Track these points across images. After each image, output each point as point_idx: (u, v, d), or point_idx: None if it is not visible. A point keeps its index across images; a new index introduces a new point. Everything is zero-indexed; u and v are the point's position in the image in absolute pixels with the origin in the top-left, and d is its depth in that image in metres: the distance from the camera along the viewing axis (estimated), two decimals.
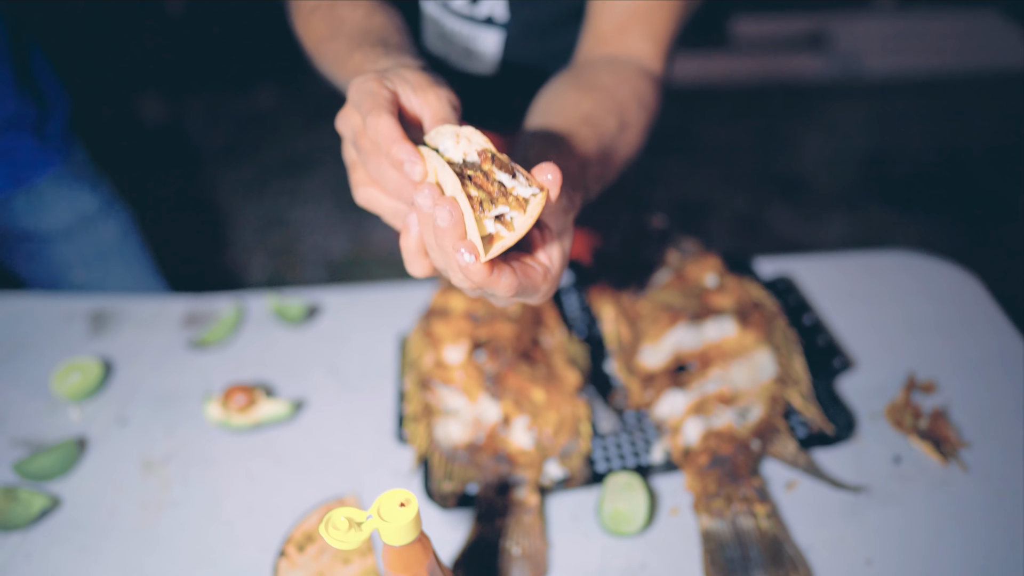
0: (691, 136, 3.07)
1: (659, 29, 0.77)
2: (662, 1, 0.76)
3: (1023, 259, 1.20)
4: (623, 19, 0.77)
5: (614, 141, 0.67)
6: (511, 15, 0.89)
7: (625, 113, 0.70)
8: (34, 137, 1.09)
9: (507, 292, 0.49)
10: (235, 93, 3.53)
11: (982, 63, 3.35)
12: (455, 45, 0.95)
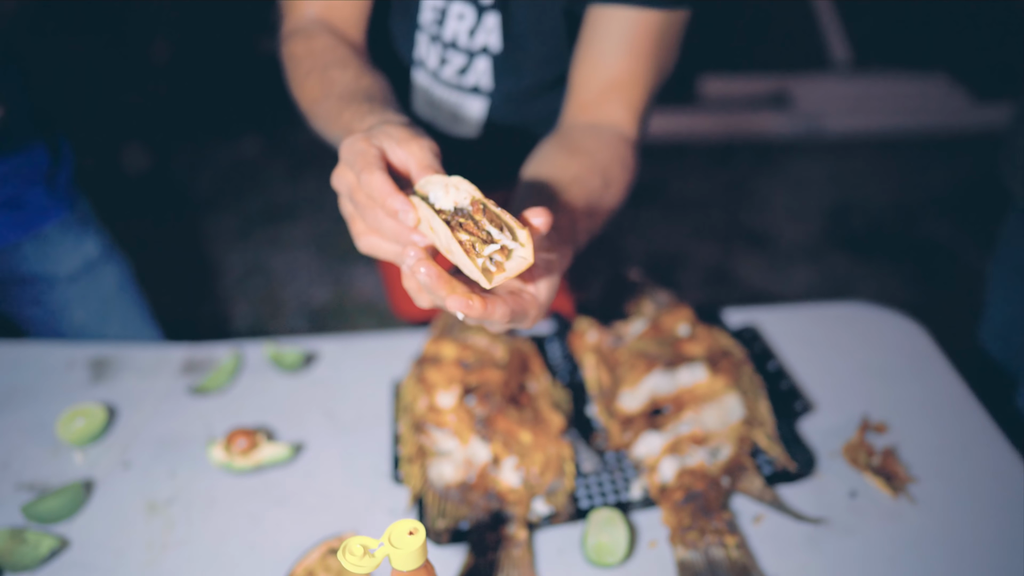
0: (663, 190, 3.20)
1: (634, 100, 0.87)
2: (636, 76, 0.86)
3: (969, 306, 1.30)
4: (602, 91, 0.86)
5: (599, 198, 0.75)
6: (496, 85, 0.97)
7: (608, 173, 0.78)
8: (45, 187, 1.15)
9: (502, 320, 0.56)
10: (219, 142, 3.60)
11: (933, 123, 3.56)
12: (443, 111, 1.04)
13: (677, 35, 0.86)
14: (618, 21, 0.83)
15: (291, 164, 3.42)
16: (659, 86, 0.90)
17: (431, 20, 0.93)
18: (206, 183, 3.33)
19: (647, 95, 0.87)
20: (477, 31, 0.92)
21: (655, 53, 0.85)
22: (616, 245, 2.84)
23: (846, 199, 3.13)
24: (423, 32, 0.96)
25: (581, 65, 0.88)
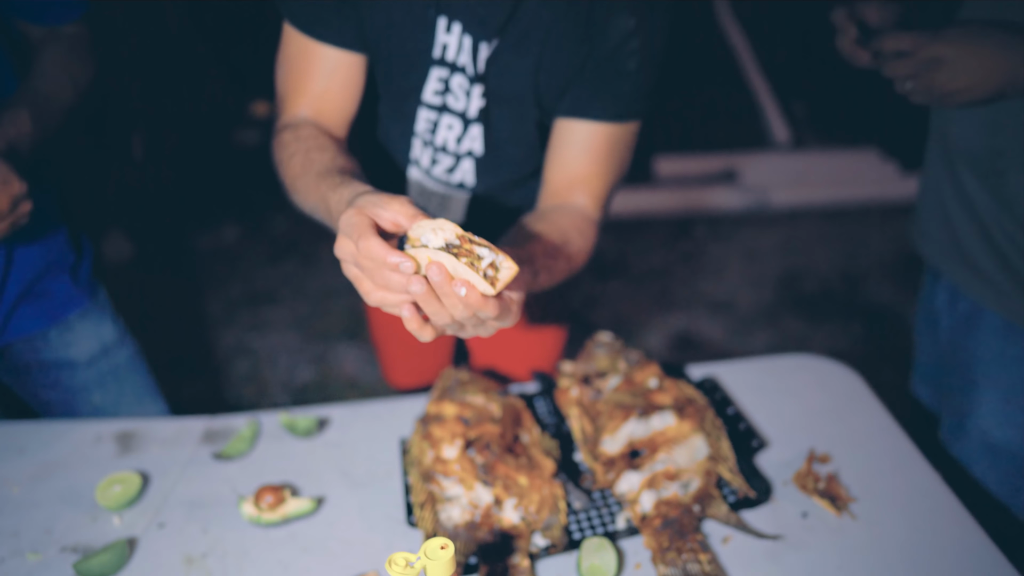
0: (627, 263, 3.41)
1: (595, 191, 1.05)
2: (596, 174, 1.04)
3: (904, 357, 1.48)
4: (568, 185, 1.04)
5: (556, 248, 0.92)
6: (478, 181, 1.15)
7: (566, 235, 0.96)
8: (70, 279, 1.27)
9: (494, 312, 0.69)
10: (199, 231, 3.73)
11: (868, 194, 3.87)
12: (432, 201, 1.20)
13: (629, 142, 1.05)
14: (580, 131, 1.02)
15: (271, 250, 3.55)
16: (617, 180, 1.08)
17: (425, 129, 1.11)
18: (188, 270, 3.44)
19: (606, 187, 1.06)
20: (463, 139, 1.09)
21: (611, 156, 1.04)
22: (585, 316, 3.01)
23: (796, 266, 3.37)
24: (417, 137, 1.13)
25: (551, 165, 1.06)
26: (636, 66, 0.98)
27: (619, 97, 1.00)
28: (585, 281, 3.22)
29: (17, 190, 0.96)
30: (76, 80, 1.15)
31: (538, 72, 1.01)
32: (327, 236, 0.83)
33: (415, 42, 1.01)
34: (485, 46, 1.00)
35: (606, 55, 0.98)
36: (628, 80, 0.99)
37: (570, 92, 1.01)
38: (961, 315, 1.22)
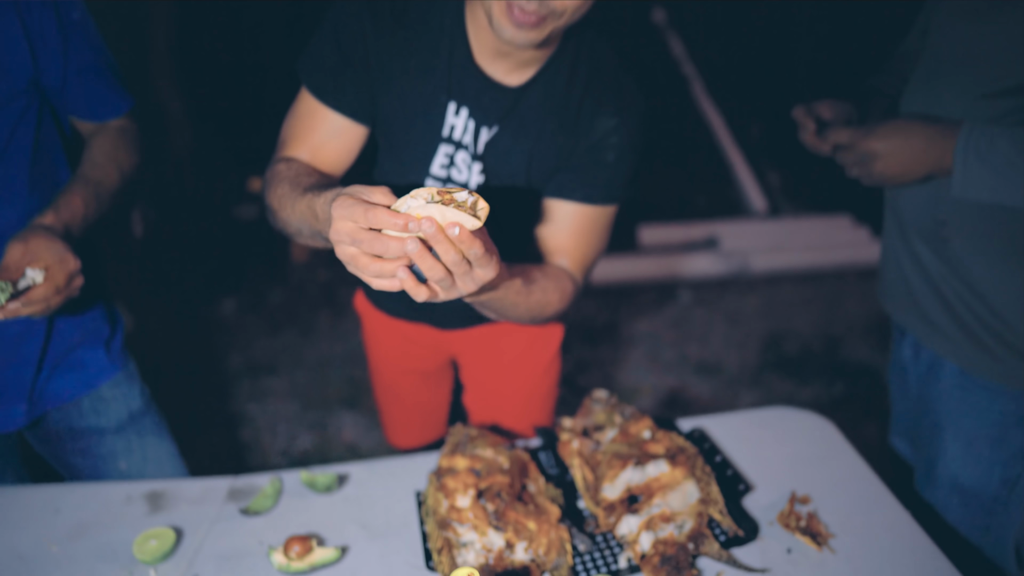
0: (617, 328, 3.53)
1: (576, 259, 1.19)
2: (578, 246, 1.19)
3: (885, 412, 1.59)
4: (553, 251, 1.19)
5: (532, 275, 1.05)
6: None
7: (545, 277, 1.08)
8: (104, 350, 1.36)
9: (481, 248, 0.77)
10: (198, 304, 3.83)
11: (843, 258, 4.06)
12: None
13: (607, 221, 1.20)
14: (564, 210, 1.17)
15: (269, 321, 3.64)
16: (597, 252, 1.22)
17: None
18: (187, 341, 3.51)
19: (586, 258, 1.20)
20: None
21: (591, 232, 1.19)
22: (577, 381, 3.11)
23: (778, 328, 3.51)
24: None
25: (539, 236, 1.21)
26: (614, 158, 1.14)
27: (599, 184, 1.15)
28: (576, 346, 3.33)
29: (72, 267, 1.07)
30: (122, 168, 1.27)
31: (531, 157, 1.16)
32: (324, 306, 0.95)
33: (427, 121, 1.15)
34: (486, 130, 1.14)
35: (589, 147, 1.14)
36: (607, 170, 1.15)
37: (557, 176, 1.17)
38: (924, 367, 1.34)
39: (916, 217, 1.25)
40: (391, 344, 1.56)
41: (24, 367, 1.25)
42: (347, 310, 3.62)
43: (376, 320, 1.54)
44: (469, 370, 1.57)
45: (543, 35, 1.00)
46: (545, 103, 1.13)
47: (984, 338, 1.20)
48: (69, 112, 1.26)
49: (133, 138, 1.32)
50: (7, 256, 1.01)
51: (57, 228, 1.09)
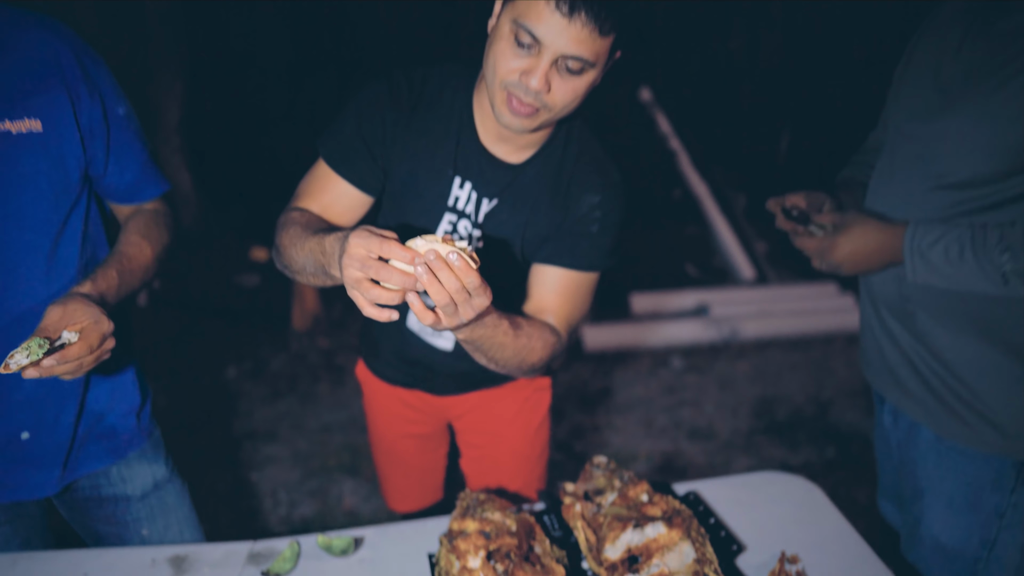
0: (612, 394, 3.61)
1: (561, 317, 1.31)
2: (562, 306, 1.31)
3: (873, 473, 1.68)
4: (541, 310, 1.31)
5: (517, 325, 1.16)
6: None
7: (530, 326, 1.20)
8: (135, 419, 1.44)
9: (477, 279, 0.91)
10: (200, 371, 3.88)
11: (830, 324, 4.18)
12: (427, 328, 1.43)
13: (590, 286, 1.33)
14: (551, 274, 1.31)
15: (269, 388, 3.70)
16: (580, 313, 1.34)
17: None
18: (189, 409, 3.56)
19: (569, 317, 1.32)
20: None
21: (575, 295, 1.32)
22: (573, 446, 3.17)
23: (769, 394, 3.60)
24: None
25: (530, 296, 1.33)
26: (597, 230, 1.29)
27: (583, 253, 1.30)
28: (572, 412, 3.40)
29: (106, 328, 1.11)
30: (155, 247, 1.35)
31: (525, 227, 1.31)
32: (325, 373, 1.07)
33: (434, 192, 1.30)
34: (487, 202, 1.30)
35: (575, 220, 1.30)
36: (591, 240, 1.30)
37: (547, 245, 1.31)
38: (903, 432, 1.43)
39: (884, 292, 1.37)
40: (390, 409, 1.64)
41: (60, 434, 1.32)
42: (347, 377, 3.70)
43: (376, 387, 1.64)
44: (464, 434, 1.66)
45: (536, 124, 1.16)
46: (540, 180, 1.29)
47: (954, 405, 1.30)
48: (109, 197, 1.37)
49: (166, 219, 1.41)
50: (46, 317, 1.07)
51: (94, 296, 1.15)
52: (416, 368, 1.52)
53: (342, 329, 4.20)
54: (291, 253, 1.16)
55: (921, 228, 1.23)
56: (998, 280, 1.16)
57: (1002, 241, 1.15)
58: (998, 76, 1.16)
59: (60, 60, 1.17)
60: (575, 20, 1.03)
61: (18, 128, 1.11)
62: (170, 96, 4.44)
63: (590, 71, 1.10)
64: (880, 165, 1.40)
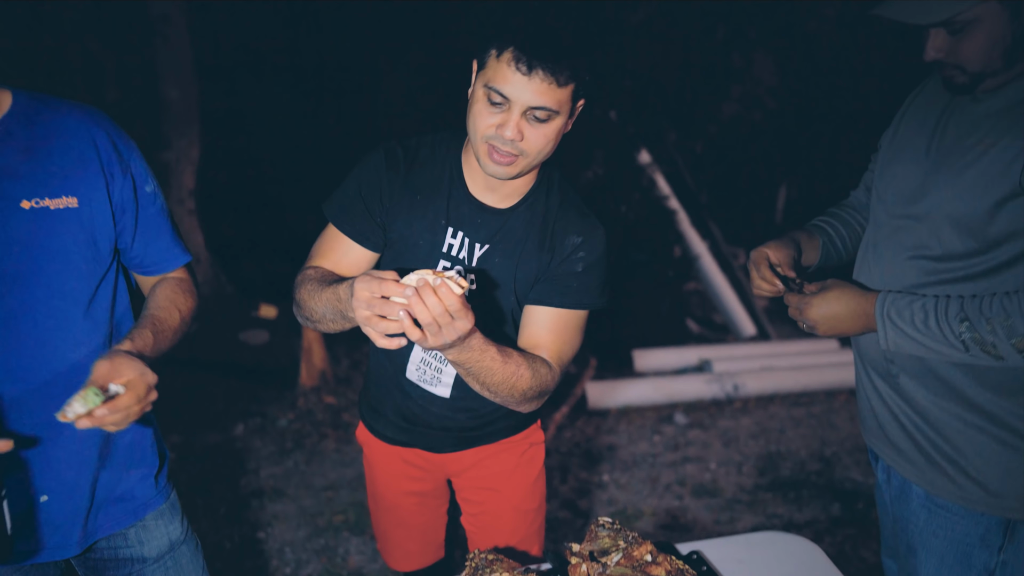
0: (616, 450, 3.63)
1: (554, 352, 1.39)
2: (553, 343, 1.39)
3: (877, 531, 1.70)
4: (534, 345, 1.40)
5: (507, 353, 1.26)
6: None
7: (520, 355, 1.30)
8: (153, 483, 1.49)
9: (458, 304, 1.06)
10: (206, 429, 3.91)
11: (831, 380, 4.22)
12: (428, 372, 1.50)
13: (579, 324, 1.42)
14: (541, 313, 1.40)
15: (276, 446, 3.73)
16: (571, 349, 1.42)
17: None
18: (196, 467, 3.58)
19: (563, 353, 1.40)
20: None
21: (564, 332, 1.40)
22: (578, 504, 3.18)
23: (772, 449, 3.62)
24: None
25: (522, 335, 1.42)
26: (582, 269, 1.40)
27: (570, 291, 1.40)
28: (577, 469, 3.42)
29: (151, 379, 1.18)
30: (182, 312, 1.42)
31: (516, 269, 1.42)
32: (331, 430, 1.14)
33: (429, 242, 1.43)
34: (479, 247, 1.41)
35: (561, 260, 1.41)
36: (576, 279, 1.40)
37: (537, 286, 1.41)
38: (896, 489, 1.47)
39: (870, 353, 1.44)
40: (391, 468, 1.69)
41: (79, 497, 1.36)
42: (352, 434, 3.72)
43: (377, 448, 1.68)
44: (464, 491, 1.70)
45: (517, 170, 1.31)
46: (526, 224, 1.42)
47: (940, 463, 1.35)
48: (135, 268, 1.44)
49: (189, 286, 1.49)
50: (95, 371, 1.14)
51: (134, 352, 1.22)
52: (415, 426, 1.57)
53: (348, 385, 4.25)
54: (311, 305, 1.31)
55: (891, 296, 1.31)
56: (960, 347, 1.23)
57: (962, 311, 1.22)
58: (966, 158, 1.25)
59: (96, 143, 1.26)
60: (534, 77, 1.20)
61: (56, 205, 1.20)
62: (185, 161, 4.59)
63: (556, 118, 1.26)
64: (866, 236, 1.49)
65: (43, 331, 1.25)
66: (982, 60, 1.20)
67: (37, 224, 1.18)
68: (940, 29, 1.22)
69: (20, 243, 1.17)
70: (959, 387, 1.31)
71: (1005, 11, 1.16)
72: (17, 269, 1.18)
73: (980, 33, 1.18)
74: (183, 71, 4.45)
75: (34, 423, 1.26)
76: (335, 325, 1.30)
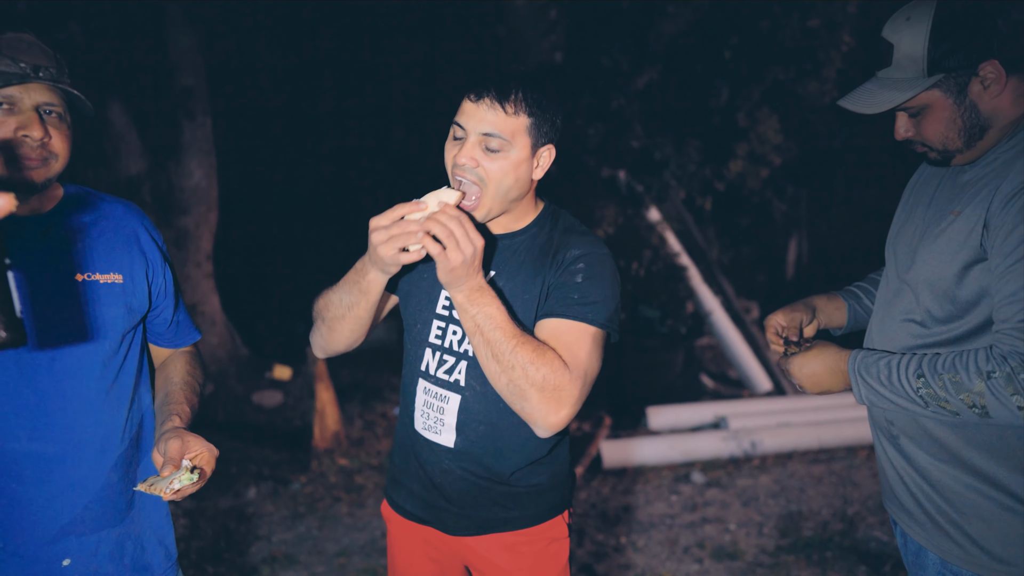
0: (633, 511, 3.57)
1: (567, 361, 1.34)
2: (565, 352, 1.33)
3: None
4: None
5: (527, 334, 1.31)
6: (467, 382, 1.45)
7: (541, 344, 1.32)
8: (165, 550, 1.49)
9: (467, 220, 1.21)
10: (219, 492, 3.89)
11: (851, 435, 4.14)
12: (431, 414, 1.50)
13: (591, 342, 1.35)
14: (548, 325, 1.37)
15: (289, 510, 3.69)
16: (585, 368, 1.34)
17: (435, 336, 1.48)
18: (208, 532, 3.54)
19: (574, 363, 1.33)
20: (463, 341, 1.44)
21: (575, 346, 1.34)
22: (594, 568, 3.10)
23: (793, 509, 3.53)
24: (429, 346, 1.49)
25: None
26: (582, 280, 1.39)
27: (571, 302, 1.37)
28: (593, 530, 3.35)
29: (216, 452, 1.31)
30: (200, 383, 1.55)
31: (522, 292, 1.43)
32: (344, 494, 1.13)
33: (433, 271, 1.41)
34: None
35: (562, 272, 1.41)
36: (576, 290, 1.38)
37: (543, 304, 1.41)
38: (912, 555, 1.44)
39: (874, 414, 1.44)
40: (412, 547, 1.64)
41: (99, 562, 1.37)
42: (366, 498, 3.69)
43: (398, 525, 1.64)
44: None
45: (482, 209, 1.37)
46: (529, 247, 1.46)
47: (946, 527, 1.32)
48: (156, 340, 1.55)
49: (200, 360, 1.62)
50: (170, 449, 1.26)
51: (183, 428, 1.35)
52: (432, 496, 1.54)
53: (361, 447, 4.22)
54: (328, 297, 1.43)
55: (863, 353, 1.34)
56: (920, 403, 1.24)
57: (919, 367, 1.24)
58: (941, 225, 1.31)
59: (138, 232, 1.44)
60: (481, 104, 1.31)
61: (105, 279, 1.35)
62: (204, 226, 4.71)
63: (511, 150, 1.33)
64: (877, 299, 1.52)
65: (75, 393, 1.32)
66: (941, 140, 1.31)
67: (88, 295, 1.31)
68: (902, 113, 1.34)
69: (72, 310, 1.29)
70: (954, 448, 1.31)
71: (948, 98, 1.28)
72: (67, 333, 1.29)
73: (933, 118, 1.30)
74: (204, 143, 4.61)
75: (64, 481, 1.30)
76: (350, 310, 1.39)
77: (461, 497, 1.51)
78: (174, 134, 4.56)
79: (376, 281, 1.34)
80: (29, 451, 1.26)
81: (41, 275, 1.27)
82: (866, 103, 1.34)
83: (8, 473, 1.26)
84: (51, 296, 1.27)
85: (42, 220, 1.31)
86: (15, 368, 1.25)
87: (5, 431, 1.25)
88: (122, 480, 1.38)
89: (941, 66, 1.26)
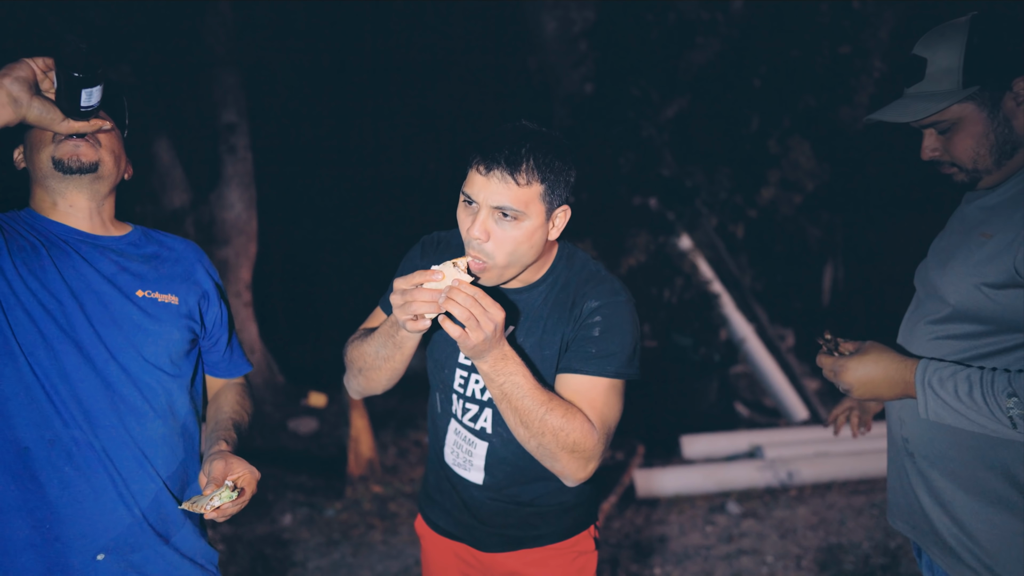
0: (668, 542, 3.52)
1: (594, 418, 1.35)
2: (586, 407, 1.36)
3: None
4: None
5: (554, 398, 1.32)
6: (494, 429, 1.48)
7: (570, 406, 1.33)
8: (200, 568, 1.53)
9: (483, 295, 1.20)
10: (255, 518, 3.94)
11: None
12: (460, 453, 1.53)
13: (609, 394, 1.37)
14: (566, 381, 1.39)
15: (324, 537, 3.72)
16: (606, 420, 1.37)
17: (459, 384, 1.50)
18: (244, 559, 3.59)
19: (597, 419, 1.35)
20: (486, 391, 1.46)
21: (596, 400, 1.36)
22: None
23: (833, 542, 3.45)
24: (454, 392, 1.51)
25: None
26: (599, 334, 1.38)
27: (589, 357, 1.38)
28: (627, 562, 3.32)
29: (258, 475, 1.35)
30: (248, 412, 1.62)
31: (540, 346, 1.43)
32: (379, 521, 1.15)
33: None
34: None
35: (579, 326, 1.40)
36: (594, 344, 1.38)
37: (563, 358, 1.41)
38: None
39: (892, 433, 1.43)
40: (445, 562, 1.68)
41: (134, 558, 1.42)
42: (400, 526, 3.70)
43: (432, 540, 1.69)
44: None
45: (491, 279, 1.35)
46: (547, 299, 1.44)
47: (964, 555, 1.30)
48: (209, 369, 1.63)
49: (250, 391, 1.70)
50: (214, 470, 1.32)
51: (231, 451, 1.41)
52: (464, 515, 1.58)
53: (395, 475, 4.25)
54: (362, 349, 1.44)
55: (934, 364, 1.26)
56: (1007, 423, 1.17)
57: (1010, 385, 1.18)
58: (970, 246, 1.29)
59: (194, 266, 1.56)
60: (492, 176, 1.27)
61: (163, 299, 1.47)
62: (244, 257, 4.84)
63: (525, 219, 1.30)
64: (911, 306, 1.50)
65: (140, 398, 1.40)
66: (971, 157, 1.29)
67: (145, 310, 1.42)
68: (931, 130, 1.32)
69: (131, 322, 1.40)
70: (969, 471, 1.28)
71: (982, 112, 1.26)
72: (126, 343, 1.40)
73: (965, 132, 1.28)
74: (245, 176, 4.76)
75: (111, 477, 1.36)
76: (388, 362, 1.40)
77: (491, 517, 1.56)
78: (216, 168, 4.73)
79: (409, 338, 1.35)
80: (84, 440, 1.33)
81: (106, 287, 1.39)
82: (899, 113, 1.32)
83: (64, 454, 1.32)
84: (114, 305, 1.39)
85: (112, 242, 1.46)
86: (79, 357, 1.34)
87: (66, 416, 1.33)
88: (170, 498, 1.43)
89: (976, 78, 1.25)
